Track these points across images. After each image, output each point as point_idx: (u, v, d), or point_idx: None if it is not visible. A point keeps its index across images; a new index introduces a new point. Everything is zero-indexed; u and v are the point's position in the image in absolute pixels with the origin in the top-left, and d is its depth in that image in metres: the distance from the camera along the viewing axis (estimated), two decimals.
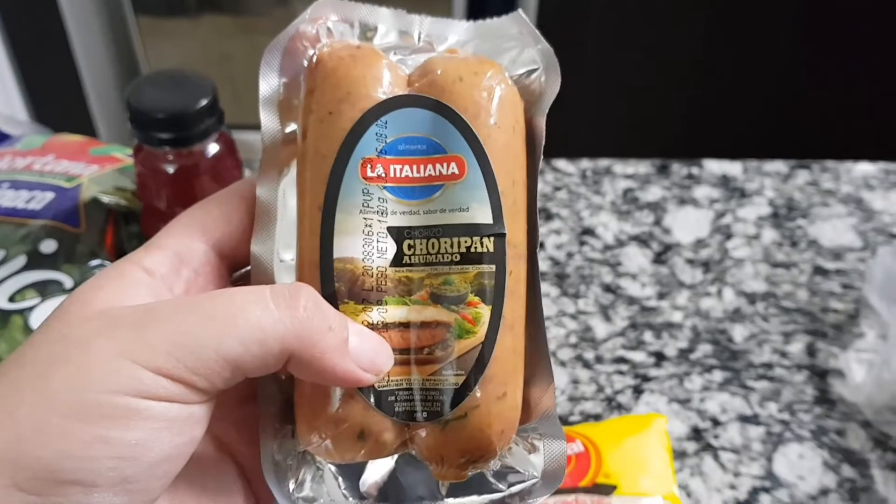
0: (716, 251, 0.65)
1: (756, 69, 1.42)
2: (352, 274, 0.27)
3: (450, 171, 0.28)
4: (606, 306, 0.61)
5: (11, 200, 0.51)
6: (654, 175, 0.72)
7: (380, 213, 0.28)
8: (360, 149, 0.28)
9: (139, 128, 0.45)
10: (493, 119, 0.28)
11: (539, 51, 0.29)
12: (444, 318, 0.28)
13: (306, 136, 0.28)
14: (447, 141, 0.28)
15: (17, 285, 0.47)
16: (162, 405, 0.23)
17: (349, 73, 0.28)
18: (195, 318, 0.24)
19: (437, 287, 0.28)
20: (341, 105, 0.28)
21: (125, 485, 0.23)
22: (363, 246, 0.27)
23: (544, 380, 0.29)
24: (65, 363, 0.23)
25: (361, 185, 0.28)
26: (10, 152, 0.56)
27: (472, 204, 0.28)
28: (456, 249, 0.28)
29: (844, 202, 0.69)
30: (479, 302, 0.28)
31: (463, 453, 0.28)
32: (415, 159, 0.28)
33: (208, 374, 0.24)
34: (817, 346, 0.59)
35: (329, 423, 0.27)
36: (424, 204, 0.28)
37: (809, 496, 0.51)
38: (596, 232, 0.67)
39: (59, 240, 0.49)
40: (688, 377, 0.57)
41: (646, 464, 0.48)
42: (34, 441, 0.22)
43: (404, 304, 0.28)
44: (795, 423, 0.54)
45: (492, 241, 0.28)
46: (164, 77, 0.46)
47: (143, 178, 0.47)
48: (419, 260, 0.28)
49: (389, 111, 0.28)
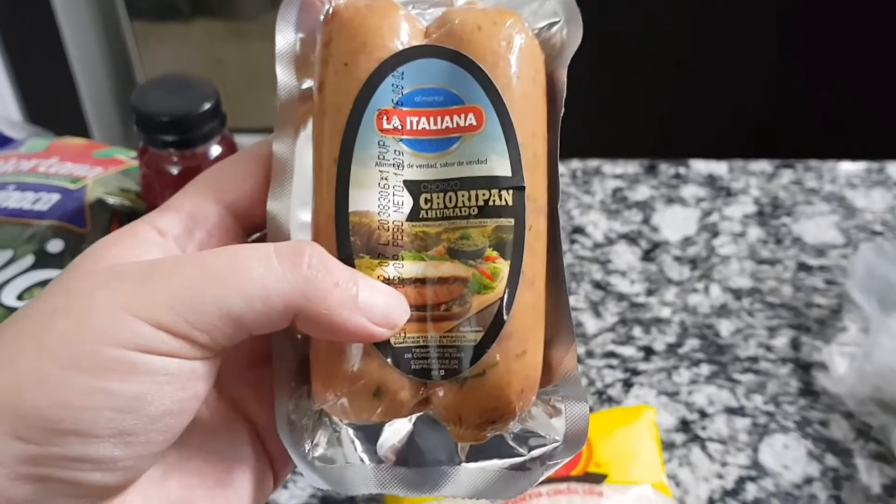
0: (703, 249, 0.67)
1: (741, 70, 1.44)
2: (367, 228, 0.27)
3: (467, 122, 0.27)
4: (597, 302, 0.63)
5: (18, 202, 0.52)
6: (642, 175, 0.74)
7: (396, 165, 0.27)
8: (375, 100, 0.27)
9: (144, 130, 0.46)
10: (512, 69, 0.27)
11: (560, 2, 0.29)
12: (461, 273, 0.27)
13: (322, 88, 0.28)
14: (465, 91, 0.27)
15: (25, 284, 0.48)
16: (162, 359, 0.23)
17: (365, 24, 0.27)
18: (198, 274, 0.24)
19: (455, 241, 0.27)
20: (357, 56, 0.27)
21: (124, 437, 0.23)
22: (379, 199, 0.27)
23: (566, 340, 0.28)
24: (66, 314, 0.23)
25: (377, 136, 0.27)
26: (15, 155, 0.57)
27: (491, 156, 0.27)
28: (474, 203, 0.27)
29: (827, 200, 0.71)
30: (498, 257, 0.27)
31: (481, 413, 0.27)
32: (432, 111, 0.27)
33: (210, 330, 0.23)
34: (801, 340, 0.61)
35: (344, 381, 0.27)
36: (441, 157, 0.27)
37: (794, 485, 0.52)
38: (586, 230, 0.69)
39: (65, 239, 0.50)
40: (676, 371, 0.59)
41: (635, 453, 0.49)
42: (34, 391, 0.22)
43: (421, 260, 0.27)
44: (780, 415, 0.56)
45: (511, 194, 0.27)
46: (169, 81, 0.48)
47: (148, 179, 0.49)
48: (436, 214, 0.27)
49: (406, 62, 0.27)
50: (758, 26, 1.42)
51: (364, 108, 0.27)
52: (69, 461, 0.22)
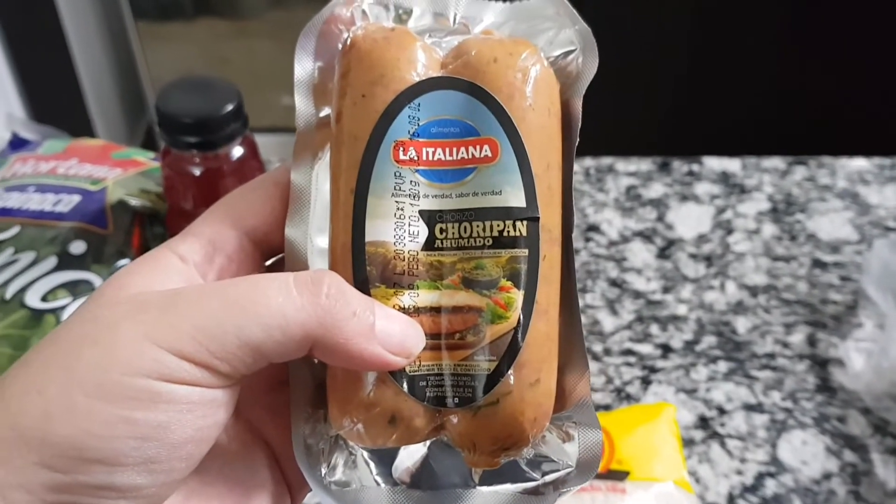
0: (718, 246, 0.67)
1: (753, 67, 1.44)
2: (383, 258, 0.27)
3: (483, 153, 0.28)
4: (613, 300, 0.63)
5: (39, 204, 0.52)
6: (655, 172, 0.74)
7: (412, 196, 0.28)
8: (392, 131, 0.28)
9: (167, 132, 0.46)
10: (527, 101, 0.28)
11: (577, 31, 0.29)
12: (475, 302, 0.27)
13: (340, 119, 0.28)
14: (480, 123, 0.28)
15: (49, 285, 0.48)
16: (185, 388, 0.23)
17: (383, 56, 0.28)
18: (218, 303, 0.24)
19: (469, 271, 0.27)
20: (374, 87, 0.28)
21: (148, 465, 0.23)
22: (395, 230, 0.27)
23: (579, 367, 0.28)
24: (93, 344, 0.23)
25: (394, 168, 0.27)
26: (33, 157, 0.57)
27: (506, 187, 0.27)
28: (488, 233, 0.27)
29: (841, 197, 0.71)
30: (512, 287, 0.27)
31: (495, 440, 0.28)
32: (447, 142, 0.28)
33: (230, 359, 0.24)
34: (817, 336, 0.61)
35: (360, 408, 0.27)
36: (457, 187, 0.28)
37: (813, 480, 0.53)
38: (601, 228, 0.69)
39: (87, 241, 0.50)
40: (694, 368, 0.59)
41: (657, 450, 0.50)
42: (60, 420, 0.22)
43: (436, 289, 0.27)
44: (798, 411, 0.56)
45: (525, 225, 0.27)
46: (191, 83, 0.48)
47: (171, 180, 0.49)
48: (451, 244, 0.28)
49: (422, 93, 0.28)
50: (770, 22, 1.42)
51: (381, 140, 0.27)
52: (95, 489, 0.23)
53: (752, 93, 1.45)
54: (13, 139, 0.62)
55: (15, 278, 0.48)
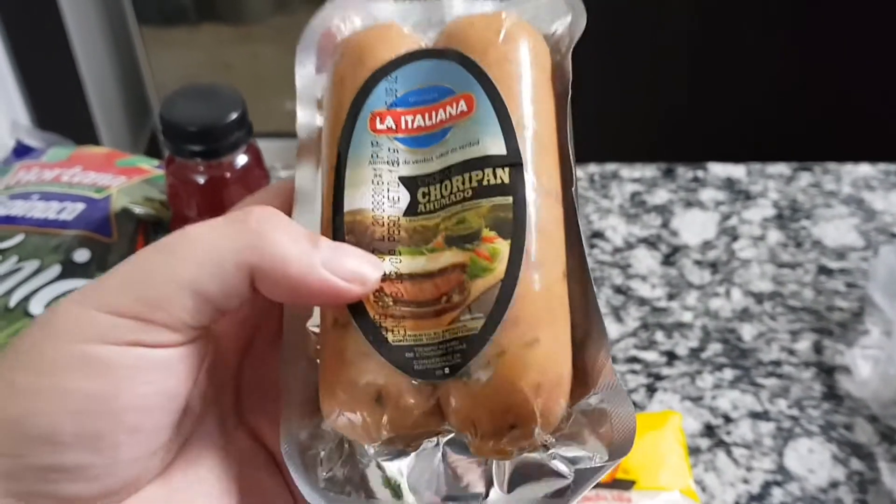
0: (723, 252, 0.67)
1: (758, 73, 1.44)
2: (361, 225, 0.26)
3: (458, 110, 0.27)
4: (618, 307, 0.63)
5: (43, 212, 0.52)
6: (660, 179, 0.74)
7: (390, 163, 0.27)
8: (368, 104, 0.27)
9: (171, 140, 0.46)
10: (502, 53, 0.27)
11: (566, 2, 0.29)
12: (459, 259, 0.25)
13: (325, 107, 0.29)
14: (456, 83, 0.27)
15: (53, 294, 0.48)
16: (122, 350, 0.23)
17: (363, 42, 0.28)
18: (149, 254, 0.24)
19: (451, 228, 0.26)
20: (355, 69, 0.28)
21: (92, 440, 0.22)
22: (373, 196, 0.26)
23: (599, 340, 0.25)
24: (35, 325, 0.23)
25: (370, 137, 0.27)
26: (38, 164, 0.57)
27: (483, 136, 0.26)
28: (468, 185, 0.26)
29: (846, 203, 0.71)
30: (496, 237, 0.25)
31: (494, 413, 0.24)
32: (425, 108, 0.27)
33: (167, 305, 0.23)
34: (824, 343, 0.61)
35: (346, 387, 0.25)
36: (436, 149, 0.27)
37: (820, 489, 0.52)
38: (605, 235, 0.69)
39: (91, 249, 0.50)
40: (699, 375, 0.59)
41: (663, 459, 0.49)
42: (5, 401, 0.22)
43: (420, 254, 0.26)
44: (805, 419, 0.56)
45: (506, 171, 0.26)
46: (196, 91, 0.48)
47: (175, 188, 0.49)
48: (434, 206, 0.26)
49: (399, 67, 0.28)
50: (775, 27, 1.41)
51: (357, 114, 0.27)
52: (43, 472, 0.22)
53: (756, 98, 1.45)
54: (17, 147, 0.62)
55: (19, 287, 0.48)
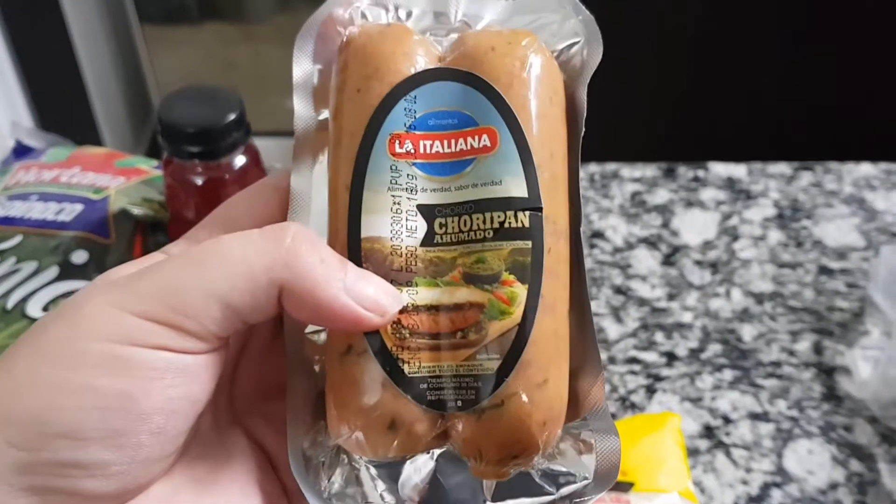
0: (723, 252, 0.67)
1: (759, 73, 1.43)
2: (380, 254, 0.26)
3: (481, 143, 0.27)
4: (618, 308, 0.63)
5: (41, 213, 0.52)
6: (660, 178, 0.73)
7: (409, 190, 0.27)
8: (388, 125, 0.27)
9: (170, 141, 0.46)
10: (527, 88, 0.27)
11: (580, 21, 0.28)
12: (477, 298, 0.26)
13: (337, 116, 0.28)
14: (479, 113, 0.27)
15: (51, 295, 0.48)
16: (150, 353, 0.23)
17: (378, 50, 0.27)
18: (182, 263, 0.24)
19: (470, 266, 0.26)
20: (370, 81, 0.27)
21: (115, 438, 0.22)
22: (391, 224, 0.26)
23: (593, 370, 0.27)
24: (59, 319, 0.23)
25: (389, 161, 0.27)
26: (36, 165, 0.57)
27: (506, 177, 0.26)
28: (489, 225, 0.26)
29: (847, 203, 0.71)
30: (515, 281, 0.26)
31: (501, 446, 0.26)
32: (445, 134, 0.27)
33: (197, 315, 0.23)
34: (824, 344, 0.61)
35: (359, 413, 0.26)
36: (455, 180, 0.27)
37: (819, 490, 0.52)
38: (605, 235, 0.69)
39: (89, 250, 0.50)
40: (699, 376, 0.59)
41: (662, 461, 0.49)
42: (26, 394, 0.22)
43: (436, 286, 0.26)
44: (804, 420, 0.56)
45: (527, 215, 0.26)
46: (194, 92, 0.48)
47: (173, 189, 0.49)
48: (451, 239, 0.26)
49: (419, 85, 0.27)
50: (777, 27, 1.41)
51: (376, 133, 0.27)
52: (60, 467, 0.22)
53: (758, 98, 1.45)
54: (17, 147, 0.62)
55: (17, 288, 0.48)
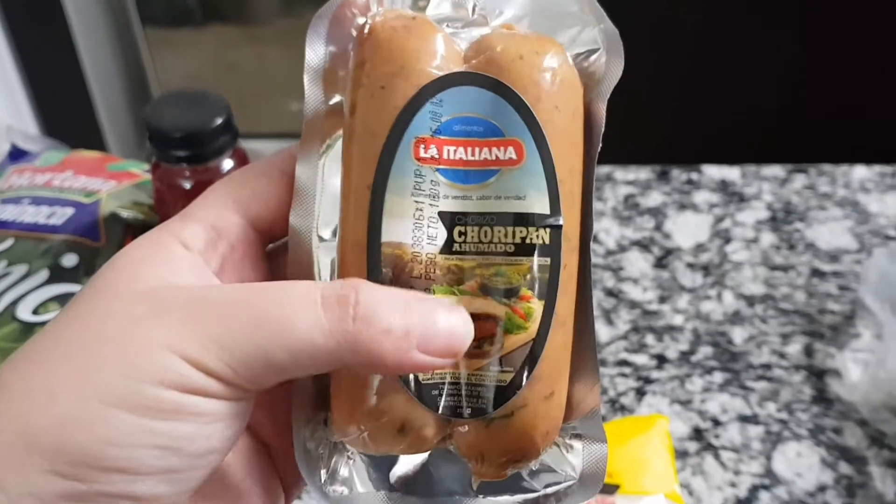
0: (715, 255, 0.67)
1: (753, 75, 1.43)
2: (400, 260, 0.26)
3: (507, 155, 0.26)
4: (609, 310, 0.63)
5: (33, 216, 0.53)
6: (654, 181, 0.73)
7: (432, 196, 0.26)
8: (413, 127, 0.26)
9: (157, 146, 0.47)
10: (554, 102, 0.27)
11: (601, 30, 0.28)
12: (494, 310, 0.26)
13: (355, 110, 0.27)
14: (506, 123, 0.27)
15: (40, 298, 0.48)
16: (208, 401, 0.23)
17: (403, 46, 0.26)
18: (244, 322, 0.23)
19: (489, 278, 0.26)
20: (394, 79, 0.26)
21: (170, 474, 0.23)
22: (413, 231, 0.26)
23: (590, 377, 0.28)
24: (115, 346, 0.23)
25: (414, 165, 0.26)
26: (30, 168, 0.58)
27: (529, 192, 0.26)
28: (510, 239, 0.26)
29: (841, 205, 0.71)
30: (532, 296, 0.26)
31: (505, 453, 0.27)
32: (470, 141, 0.27)
33: (255, 379, 0.23)
34: (815, 346, 0.61)
35: (369, 416, 0.26)
36: (478, 189, 0.27)
37: (808, 493, 0.52)
38: (598, 237, 0.69)
39: (79, 254, 0.51)
40: (689, 379, 0.59)
41: (648, 463, 0.49)
42: (75, 427, 0.22)
43: (453, 294, 0.26)
44: (794, 422, 0.56)
45: (548, 232, 0.26)
46: (181, 96, 0.48)
47: (161, 193, 0.49)
48: (470, 248, 0.26)
49: (445, 88, 0.26)
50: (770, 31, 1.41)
51: (401, 135, 0.26)
52: (113, 498, 0.22)
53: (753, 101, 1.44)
54: (12, 150, 0.63)
55: (7, 291, 0.48)
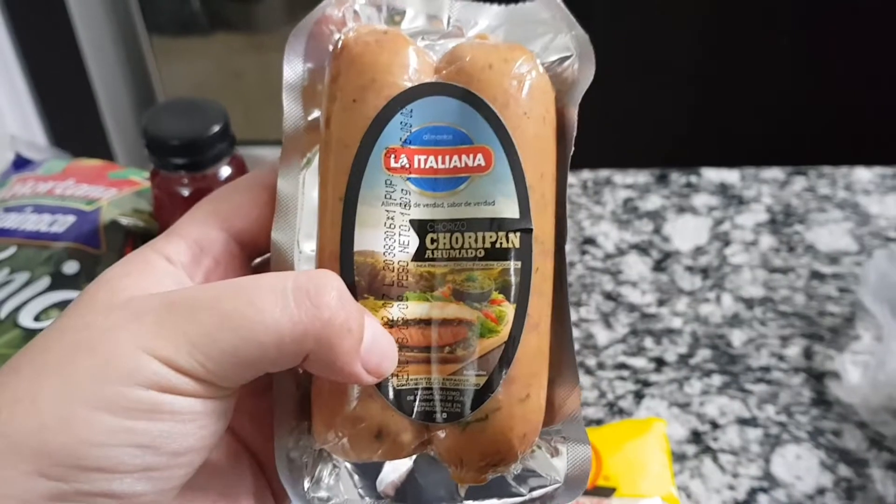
0: (714, 258, 0.67)
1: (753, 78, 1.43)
2: (372, 268, 0.27)
3: (476, 162, 0.27)
4: (608, 314, 0.63)
5: (35, 224, 0.53)
6: (653, 184, 0.74)
7: (402, 205, 0.27)
8: (383, 138, 0.27)
9: (156, 154, 0.47)
10: (522, 109, 0.27)
11: (573, 37, 0.29)
12: (466, 315, 0.27)
13: (329, 124, 0.28)
14: (474, 131, 0.27)
15: (42, 305, 0.49)
16: (185, 399, 0.24)
17: (375, 60, 0.27)
18: (213, 318, 0.24)
19: (460, 283, 0.27)
20: (366, 92, 0.27)
21: (148, 472, 0.23)
22: (385, 239, 0.27)
23: (570, 381, 0.28)
24: (89, 353, 0.23)
25: (384, 175, 0.27)
26: (33, 177, 0.59)
27: (499, 197, 0.27)
28: (480, 245, 0.27)
29: (841, 207, 0.71)
30: (504, 300, 0.27)
31: (483, 456, 0.28)
32: (440, 149, 0.27)
33: (227, 375, 0.24)
34: (814, 349, 0.61)
35: (346, 422, 0.27)
36: (449, 196, 0.27)
37: (807, 496, 0.52)
38: (597, 241, 0.69)
39: (80, 261, 0.51)
40: (687, 382, 0.59)
41: (645, 466, 0.49)
42: (58, 429, 0.22)
43: (425, 301, 0.27)
44: (793, 425, 0.56)
45: (518, 236, 0.27)
46: (179, 105, 0.49)
47: (160, 200, 0.50)
48: (442, 255, 0.27)
49: (415, 99, 0.27)
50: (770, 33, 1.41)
51: (372, 146, 0.27)
52: (94, 496, 0.23)
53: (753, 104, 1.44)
54: (16, 159, 0.63)
55: (9, 298, 0.49)
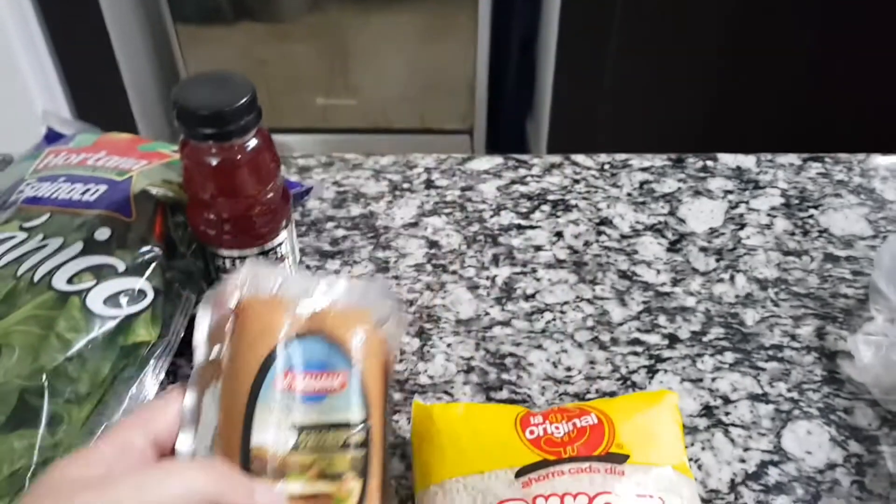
0: (729, 240, 0.68)
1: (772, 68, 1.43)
2: (264, 458, 0.39)
3: (337, 383, 0.42)
4: (622, 292, 0.64)
5: (68, 193, 0.55)
6: (669, 168, 0.75)
7: (287, 412, 0.40)
8: (274, 368, 0.40)
9: (185, 124, 0.49)
10: (365, 351, 0.43)
11: (391, 306, 0.45)
12: (328, 489, 0.40)
13: (234, 359, 0.41)
14: (335, 363, 0.42)
15: (75, 269, 0.51)
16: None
17: (265, 317, 0.42)
18: (126, 488, 0.32)
19: (325, 467, 0.40)
20: (260, 338, 0.41)
21: None
22: (273, 437, 0.39)
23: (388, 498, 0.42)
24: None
25: (275, 392, 0.40)
26: (66, 150, 0.61)
27: (351, 407, 0.41)
28: (339, 441, 0.40)
29: (856, 193, 0.71)
30: (354, 477, 0.40)
31: None
32: (313, 374, 0.41)
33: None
34: (827, 329, 0.61)
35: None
36: (318, 406, 0.41)
37: (817, 470, 0.53)
38: (613, 222, 0.70)
39: (112, 228, 0.53)
40: (700, 358, 0.60)
41: (657, 436, 0.50)
42: None
43: (300, 480, 0.39)
44: (804, 402, 0.57)
45: (363, 432, 0.41)
46: (208, 77, 0.50)
47: (189, 170, 0.51)
48: (312, 447, 0.40)
49: (295, 340, 0.42)
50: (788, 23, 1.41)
51: (266, 373, 0.40)
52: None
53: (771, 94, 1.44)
54: (48, 133, 0.65)
55: (43, 262, 0.51)
